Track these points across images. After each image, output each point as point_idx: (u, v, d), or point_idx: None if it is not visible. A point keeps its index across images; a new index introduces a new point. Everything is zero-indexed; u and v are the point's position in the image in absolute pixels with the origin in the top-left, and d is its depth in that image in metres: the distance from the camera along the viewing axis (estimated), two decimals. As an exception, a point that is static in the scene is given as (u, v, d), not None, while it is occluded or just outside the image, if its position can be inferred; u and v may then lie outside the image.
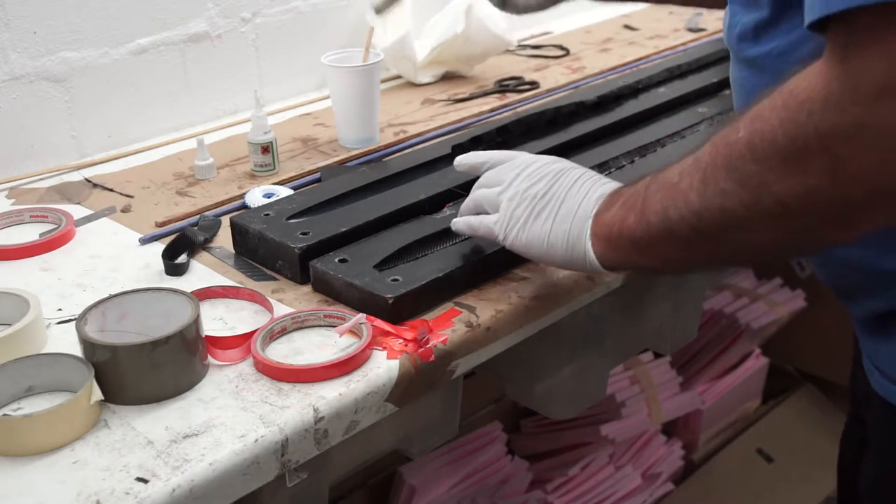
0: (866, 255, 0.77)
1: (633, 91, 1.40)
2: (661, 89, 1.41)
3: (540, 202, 0.82)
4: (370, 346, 0.84)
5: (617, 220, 0.76)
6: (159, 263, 1.00)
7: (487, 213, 0.87)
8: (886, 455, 0.85)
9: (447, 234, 0.96)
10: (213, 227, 1.08)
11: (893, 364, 0.79)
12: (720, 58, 1.52)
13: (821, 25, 0.59)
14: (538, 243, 0.82)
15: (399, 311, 0.87)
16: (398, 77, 1.60)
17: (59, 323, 0.90)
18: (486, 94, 1.51)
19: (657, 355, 1.88)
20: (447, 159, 1.18)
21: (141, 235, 1.08)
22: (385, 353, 0.84)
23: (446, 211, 1.03)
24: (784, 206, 0.63)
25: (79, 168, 1.29)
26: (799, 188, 0.61)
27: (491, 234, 0.86)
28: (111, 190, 1.21)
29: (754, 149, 0.63)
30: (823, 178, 0.60)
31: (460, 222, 0.90)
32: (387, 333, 0.86)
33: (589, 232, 0.79)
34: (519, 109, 1.41)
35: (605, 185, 0.81)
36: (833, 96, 0.58)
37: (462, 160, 0.93)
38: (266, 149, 1.23)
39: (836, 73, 0.58)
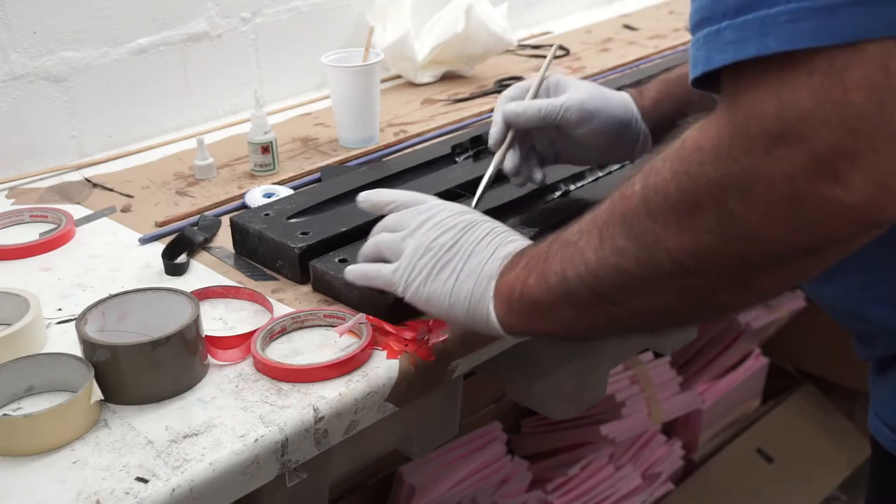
0: (852, 302, 0.76)
1: (633, 91, 1.40)
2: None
3: (445, 255, 0.77)
4: (370, 346, 0.84)
5: (518, 281, 0.72)
6: (159, 263, 1.00)
7: (386, 261, 0.82)
8: (879, 498, 0.84)
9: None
10: (213, 227, 1.08)
11: (885, 406, 0.78)
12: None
13: (705, 81, 0.57)
14: (439, 300, 0.77)
15: (399, 310, 0.87)
16: (398, 77, 1.60)
17: (59, 323, 0.90)
18: (486, 94, 1.51)
19: (657, 355, 1.88)
20: (447, 159, 1.19)
21: (141, 235, 1.08)
22: (385, 352, 0.84)
23: (446, 211, 1.03)
24: (678, 264, 0.60)
25: (79, 168, 1.29)
26: (692, 244, 0.59)
27: (389, 285, 0.80)
28: (111, 190, 1.21)
29: (648, 203, 0.61)
30: (716, 234, 0.57)
31: (355, 271, 0.84)
32: (387, 333, 0.86)
33: (491, 293, 0.74)
34: (519, 109, 1.41)
35: (513, 243, 0.77)
36: (723, 145, 0.55)
37: (366, 197, 0.87)
38: (266, 149, 1.23)
39: (725, 120, 0.56)
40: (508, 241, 0.77)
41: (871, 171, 0.52)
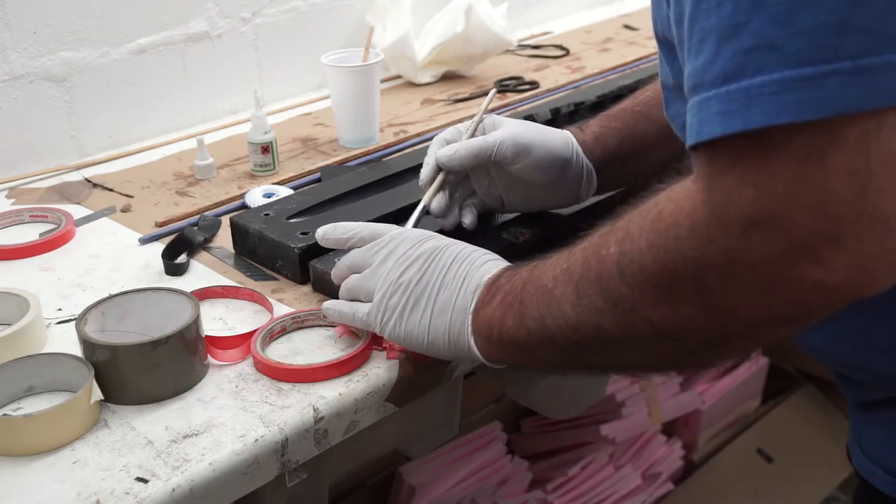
0: (844, 349, 0.73)
1: (633, 91, 1.40)
2: (661, 89, 1.41)
3: (414, 291, 0.77)
4: (370, 346, 0.84)
5: (496, 320, 0.72)
6: (159, 263, 1.00)
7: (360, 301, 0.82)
8: None
9: (446, 235, 0.96)
10: (212, 227, 1.08)
11: (876, 446, 0.75)
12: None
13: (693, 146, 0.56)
14: (418, 338, 0.77)
15: (399, 311, 0.87)
16: (398, 77, 1.60)
17: (59, 323, 0.90)
18: (486, 93, 1.51)
19: (657, 355, 1.87)
20: (447, 159, 1.18)
21: (141, 235, 1.08)
22: (385, 352, 0.84)
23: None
24: (658, 331, 0.60)
25: (79, 168, 1.29)
26: (672, 315, 0.58)
27: (366, 325, 0.81)
28: (111, 190, 1.22)
29: (623, 271, 0.60)
30: (696, 307, 0.57)
31: (332, 311, 0.83)
32: (387, 333, 0.86)
33: (469, 329, 0.74)
34: (519, 109, 1.41)
35: (481, 268, 0.76)
36: (700, 225, 0.55)
37: (326, 235, 0.85)
38: (266, 149, 1.23)
39: (702, 199, 0.55)
40: (476, 266, 0.77)
41: (853, 254, 0.51)
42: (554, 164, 0.93)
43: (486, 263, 0.77)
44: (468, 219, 0.96)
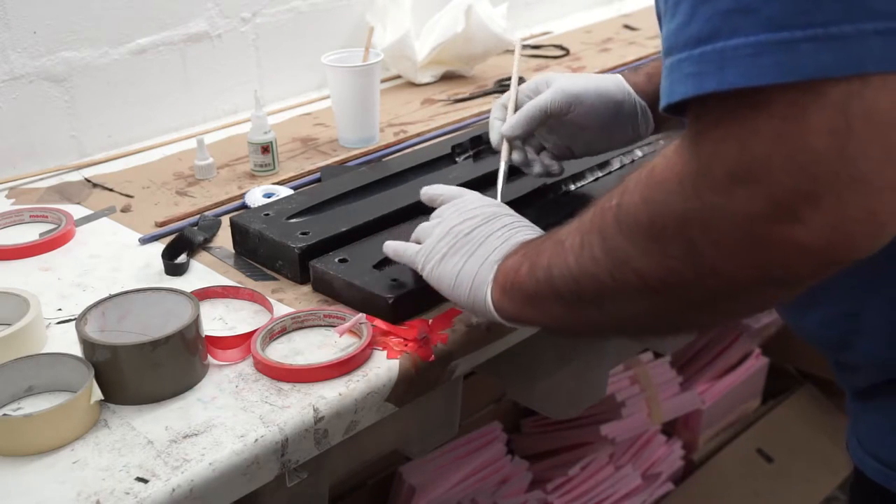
0: (835, 333, 0.73)
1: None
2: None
3: (462, 240, 0.81)
4: (370, 346, 0.84)
5: (513, 269, 0.75)
6: (159, 263, 1.00)
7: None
8: None
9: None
10: (212, 227, 1.08)
11: (870, 435, 0.76)
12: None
13: (677, 108, 0.56)
14: (447, 281, 0.80)
15: (399, 311, 0.87)
16: (398, 77, 1.60)
17: (59, 323, 0.90)
18: (486, 94, 1.51)
19: (657, 355, 1.87)
20: (447, 159, 1.19)
21: (141, 235, 1.08)
22: (385, 353, 0.84)
23: (446, 211, 1.03)
24: (646, 284, 0.61)
25: (79, 168, 1.29)
26: (658, 268, 0.59)
27: (412, 262, 0.85)
28: (111, 190, 1.22)
29: (621, 222, 0.62)
30: (682, 263, 0.58)
31: (390, 247, 0.88)
32: (387, 333, 0.86)
33: (491, 277, 0.77)
34: (519, 109, 1.41)
35: (524, 234, 0.79)
36: (687, 180, 0.56)
37: (425, 191, 0.91)
38: (266, 149, 1.23)
39: (690, 155, 0.56)
40: (524, 232, 0.80)
41: (832, 214, 0.51)
42: (606, 106, 0.98)
43: (534, 232, 0.80)
44: (556, 166, 1.03)
